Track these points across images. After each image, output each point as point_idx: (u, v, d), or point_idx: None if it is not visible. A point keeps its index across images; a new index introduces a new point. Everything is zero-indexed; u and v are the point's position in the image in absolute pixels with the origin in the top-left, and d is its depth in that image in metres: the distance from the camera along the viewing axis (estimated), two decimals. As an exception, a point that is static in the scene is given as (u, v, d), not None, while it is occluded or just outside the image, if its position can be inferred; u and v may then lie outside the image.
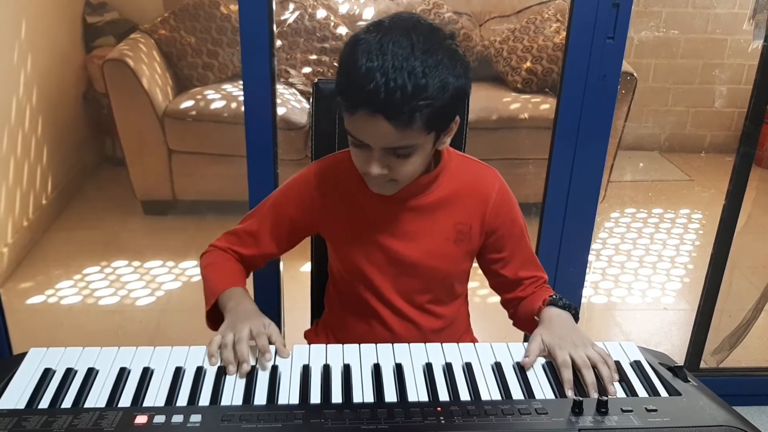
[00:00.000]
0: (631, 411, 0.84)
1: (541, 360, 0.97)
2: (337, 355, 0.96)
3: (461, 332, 1.24)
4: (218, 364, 0.93)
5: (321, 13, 2.95)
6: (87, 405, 0.85)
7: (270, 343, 0.96)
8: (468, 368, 0.94)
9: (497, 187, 1.11)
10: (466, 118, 1.22)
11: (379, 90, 0.87)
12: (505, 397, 0.89)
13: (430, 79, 0.89)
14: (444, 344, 0.99)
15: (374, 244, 1.10)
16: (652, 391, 0.91)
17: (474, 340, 1.25)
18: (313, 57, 2.93)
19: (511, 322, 1.20)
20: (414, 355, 0.96)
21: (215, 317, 1.05)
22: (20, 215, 2.49)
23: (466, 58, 0.96)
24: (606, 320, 2.33)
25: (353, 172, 1.03)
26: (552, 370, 0.95)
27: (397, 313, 1.14)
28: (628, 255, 2.74)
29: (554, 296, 1.07)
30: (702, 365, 1.97)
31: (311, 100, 1.26)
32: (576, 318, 1.05)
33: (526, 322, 1.13)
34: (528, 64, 2.92)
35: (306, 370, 0.92)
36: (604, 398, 0.84)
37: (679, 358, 1.96)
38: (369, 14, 3.05)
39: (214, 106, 2.71)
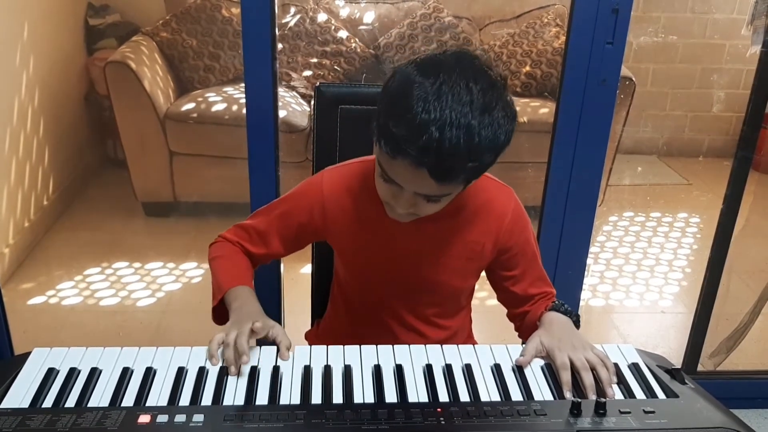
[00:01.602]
0: (628, 413, 0.85)
1: (540, 362, 0.98)
2: (338, 355, 0.97)
3: (463, 340, 1.24)
4: (219, 364, 0.94)
5: (322, 17, 2.96)
6: (90, 404, 0.86)
7: (274, 343, 0.96)
8: (467, 369, 0.94)
9: (512, 207, 1.09)
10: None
11: (431, 145, 0.83)
12: (505, 399, 0.89)
13: (483, 141, 0.85)
14: (444, 346, 1.00)
15: (384, 259, 1.09)
16: (650, 393, 0.92)
17: (473, 342, 1.26)
18: (314, 60, 2.94)
19: (509, 321, 1.21)
20: (414, 357, 0.97)
21: (221, 312, 1.05)
22: (22, 216, 2.49)
23: (515, 110, 0.91)
24: (604, 323, 2.34)
25: (367, 186, 1.02)
26: (551, 371, 0.96)
27: (403, 324, 1.14)
28: (626, 258, 2.75)
29: (557, 302, 1.07)
30: (699, 368, 1.98)
31: (312, 103, 1.27)
32: (577, 325, 1.06)
33: (530, 331, 1.13)
34: (527, 68, 2.93)
35: (307, 371, 0.93)
36: (603, 400, 0.85)
37: (677, 361, 1.97)
38: (369, 18, 3.06)
39: (215, 108, 2.72)
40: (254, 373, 0.92)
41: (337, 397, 0.88)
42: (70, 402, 0.86)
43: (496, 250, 1.10)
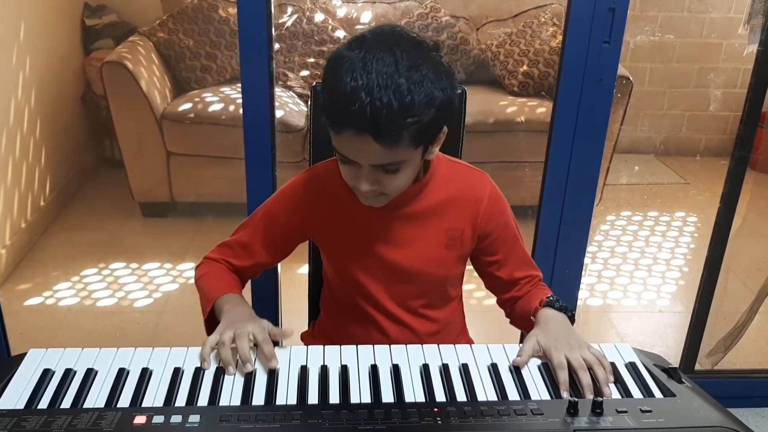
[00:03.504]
0: (625, 412, 0.85)
1: (537, 361, 0.98)
2: (334, 356, 0.97)
3: (456, 334, 1.24)
4: (211, 368, 0.93)
5: (319, 17, 2.96)
6: (86, 405, 0.86)
7: (275, 342, 0.97)
8: (464, 369, 0.94)
9: (488, 191, 1.11)
10: (463, 122, 1.23)
11: (364, 109, 0.86)
12: (501, 398, 0.89)
13: (415, 96, 0.88)
14: (441, 345, 1.00)
15: (366, 251, 1.10)
16: (647, 392, 0.92)
17: (470, 342, 1.26)
18: (311, 60, 2.94)
19: (507, 321, 1.21)
20: (411, 356, 0.97)
21: (214, 325, 1.04)
22: (18, 217, 2.49)
23: (450, 68, 0.95)
24: (601, 322, 2.34)
25: (341, 180, 1.03)
26: (548, 371, 0.96)
27: (392, 319, 1.14)
28: (623, 258, 2.75)
29: (551, 298, 1.07)
30: (697, 367, 1.98)
31: (309, 103, 1.27)
32: (572, 321, 1.06)
33: (522, 321, 1.14)
34: (525, 67, 2.93)
35: (304, 371, 0.93)
36: (600, 399, 0.85)
37: (674, 360, 1.97)
38: (366, 18, 3.06)
39: (212, 108, 2.71)
40: (251, 373, 0.92)
41: (334, 397, 0.88)
42: (66, 403, 0.86)
43: (476, 236, 1.11)
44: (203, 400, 0.87)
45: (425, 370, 0.94)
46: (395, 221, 1.08)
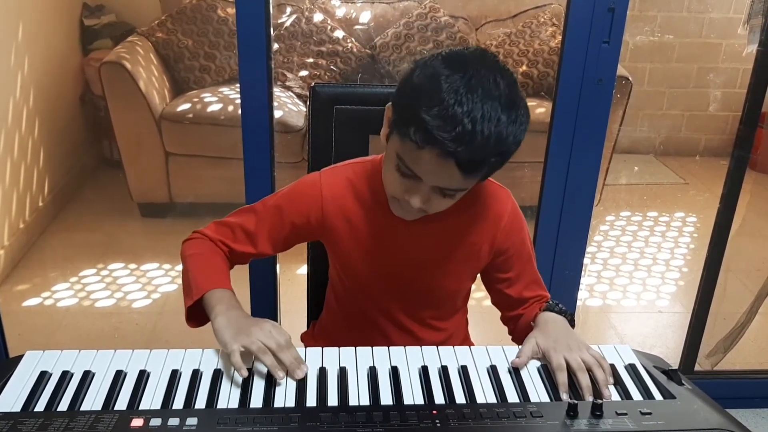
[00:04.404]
0: (625, 414, 0.84)
1: (536, 363, 0.97)
2: (333, 357, 0.96)
3: (459, 341, 1.23)
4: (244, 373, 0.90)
5: (318, 17, 2.95)
6: (83, 408, 0.85)
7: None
8: (463, 371, 0.94)
9: (510, 208, 1.09)
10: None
11: (464, 136, 0.84)
12: (501, 400, 0.89)
13: (511, 135, 0.87)
14: (440, 347, 0.99)
15: (380, 262, 1.08)
16: (647, 394, 0.92)
17: (470, 344, 1.25)
18: (310, 60, 2.93)
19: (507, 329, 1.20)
20: (410, 358, 0.97)
21: (196, 312, 1.00)
22: (17, 217, 2.48)
23: (528, 107, 0.92)
24: (601, 323, 2.34)
25: (364, 187, 1.02)
26: (547, 373, 0.95)
27: (398, 327, 1.13)
28: (623, 258, 2.75)
29: (551, 302, 1.07)
30: (696, 368, 1.98)
31: (308, 103, 1.26)
32: (572, 324, 1.05)
33: (524, 335, 1.13)
34: (524, 67, 2.93)
35: (302, 373, 0.92)
36: (599, 401, 0.84)
37: (674, 360, 1.97)
38: (365, 18, 3.06)
39: (211, 108, 2.71)
40: (248, 376, 0.91)
41: (332, 400, 0.88)
42: (63, 405, 0.86)
43: (492, 252, 1.09)
44: (201, 402, 0.87)
45: (424, 372, 0.93)
46: (415, 234, 1.05)
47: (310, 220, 1.07)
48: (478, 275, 1.16)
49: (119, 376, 0.91)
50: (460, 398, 0.89)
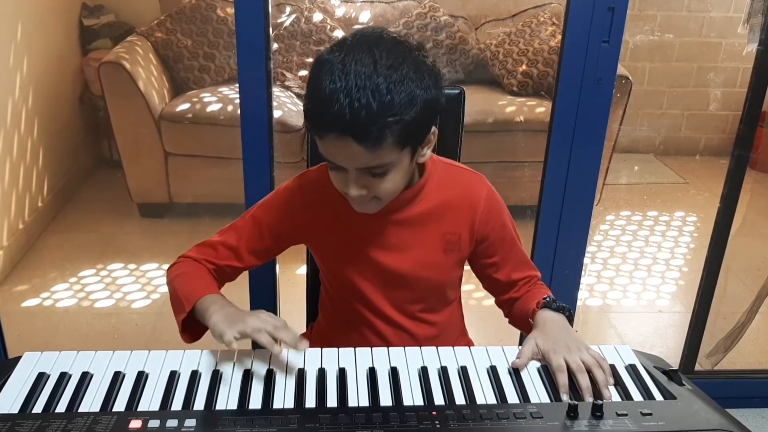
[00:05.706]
0: (626, 415, 0.84)
1: (536, 364, 0.97)
2: (332, 358, 0.96)
3: (456, 336, 1.23)
4: (218, 366, 0.91)
5: (317, 17, 2.95)
6: (81, 409, 0.85)
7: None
8: (463, 372, 0.94)
9: (485, 194, 1.09)
10: (461, 121, 1.22)
11: (343, 111, 0.85)
12: (501, 401, 0.89)
13: (395, 95, 0.86)
14: (439, 348, 0.99)
15: (362, 257, 1.08)
16: (647, 394, 0.91)
17: (470, 344, 1.25)
18: (310, 60, 2.93)
19: (506, 321, 1.20)
20: (409, 359, 0.96)
21: (191, 327, 1.00)
22: (16, 218, 2.48)
23: (435, 67, 0.93)
24: (601, 323, 2.34)
25: (334, 189, 1.01)
26: (547, 373, 0.95)
27: (390, 324, 1.13)
28: (623, 258, 2.75)
29: (548, 298, 1.06)
30: (697, 368, 1.98)
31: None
32: (570, 320, 1.05)
33: (521, 321, 1.13)
34: (524, 67, 2.93)
35: (301, 374, 0.92)
36: (599, 402, 0.84)
37: (674, 360, 1.96)
38: (365, 18, 3.06)
39: (210, 108, 2.71)
40: (247, 376, 0.91)
41: (332, 401, 0.87)
42: (61, 407, 0.85)
43: (473, 240, 1.10)
44: (199, 404, 0.86)
45: (423, 373, 0.93)
46: (391, 227, 1.06)
47: (288, 227, 1.10)
48: (467, 265, 1.16)
49: (117, 378, 0.90)
50: (459, 399, 0.89)
